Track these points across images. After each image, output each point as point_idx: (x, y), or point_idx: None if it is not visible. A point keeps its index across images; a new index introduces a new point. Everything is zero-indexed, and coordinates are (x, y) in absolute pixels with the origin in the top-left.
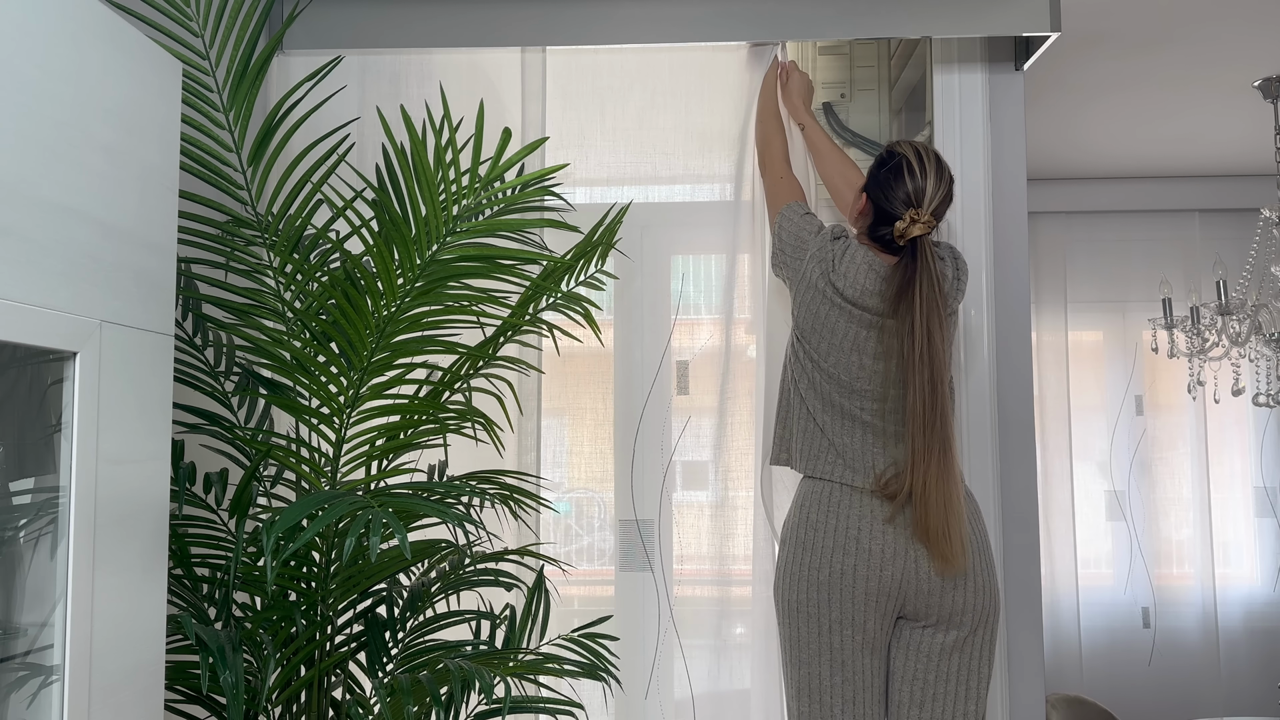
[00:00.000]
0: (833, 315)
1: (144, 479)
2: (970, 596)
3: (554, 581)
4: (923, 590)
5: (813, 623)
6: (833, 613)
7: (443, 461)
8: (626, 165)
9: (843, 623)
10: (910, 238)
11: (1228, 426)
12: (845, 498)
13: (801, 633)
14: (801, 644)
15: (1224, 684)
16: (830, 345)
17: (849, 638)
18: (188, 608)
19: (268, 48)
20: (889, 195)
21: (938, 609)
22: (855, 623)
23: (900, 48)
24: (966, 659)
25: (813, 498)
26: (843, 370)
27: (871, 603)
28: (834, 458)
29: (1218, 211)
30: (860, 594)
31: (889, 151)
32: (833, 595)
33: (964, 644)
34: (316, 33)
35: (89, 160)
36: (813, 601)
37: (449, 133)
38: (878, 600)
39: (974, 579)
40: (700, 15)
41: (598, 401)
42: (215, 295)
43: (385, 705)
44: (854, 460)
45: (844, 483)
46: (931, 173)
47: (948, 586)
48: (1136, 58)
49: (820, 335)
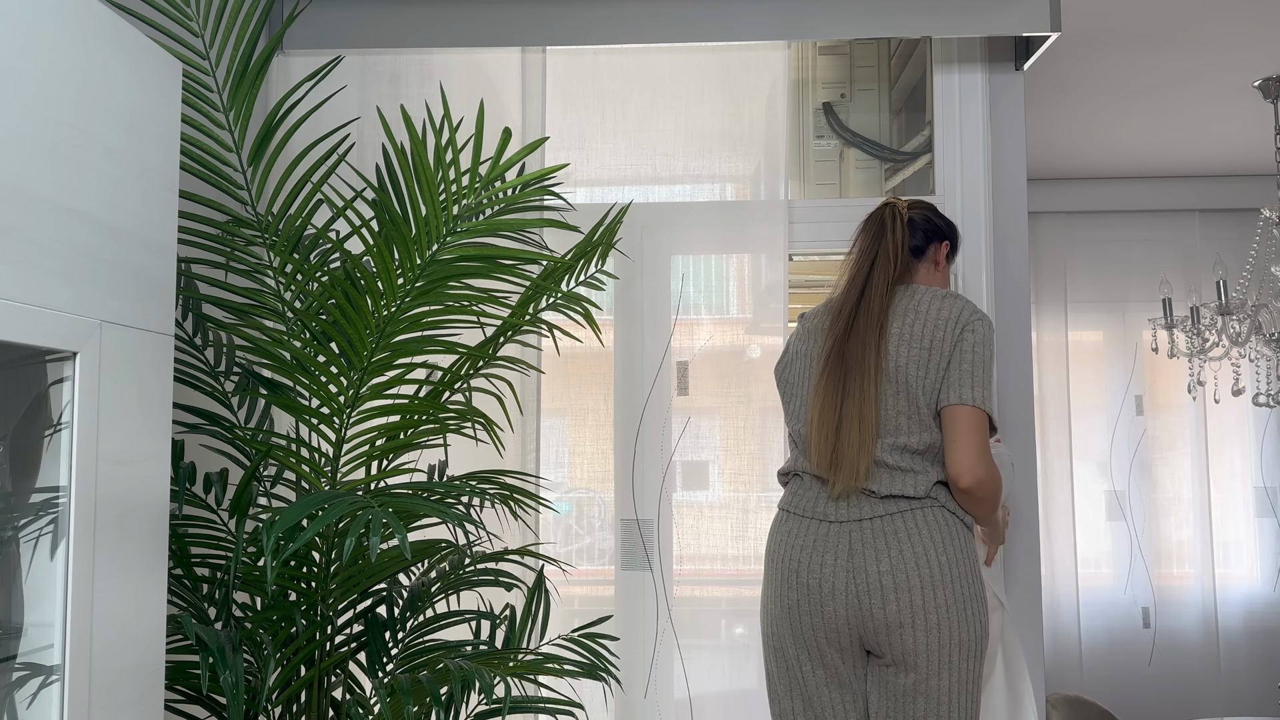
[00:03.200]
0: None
1: (144, 479)
2: (921, 637)
3: (554, 581)
4: (868, 628)
5: (780, 656)
6: (789, 648)
7: (443, 461)
8: (627, 166)
9: (800, 658)
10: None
11: (1228, 426)
12: (790, 525)
13: (771, 666)
14: (774, 678)
15: (1224, 684)
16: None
17: (809, 672)
18: (188, 608)
19: (268, 48)
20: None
21: (889, 648)
22: (813, 657)
23: (900, 48)
24: (933, 705)
25: (775, 524)
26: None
27: (827, 635)
28: (793, 484)
29: (1218, 211)
30: (808, 629)
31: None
32: (791, 629)
33: (926, 687)
34: (316, 33)
35: (89, 160)
36: (776, 635)
37: (449, 133)
38: (828, 634)
39: (924, 618)
40: (700, 15)
41: (598, 402)
42: (215, 295)
43: (385, 705)
44: (802, 487)
45: (789, 510)
46: None
47: (894, 626)
48: (1136, 58)
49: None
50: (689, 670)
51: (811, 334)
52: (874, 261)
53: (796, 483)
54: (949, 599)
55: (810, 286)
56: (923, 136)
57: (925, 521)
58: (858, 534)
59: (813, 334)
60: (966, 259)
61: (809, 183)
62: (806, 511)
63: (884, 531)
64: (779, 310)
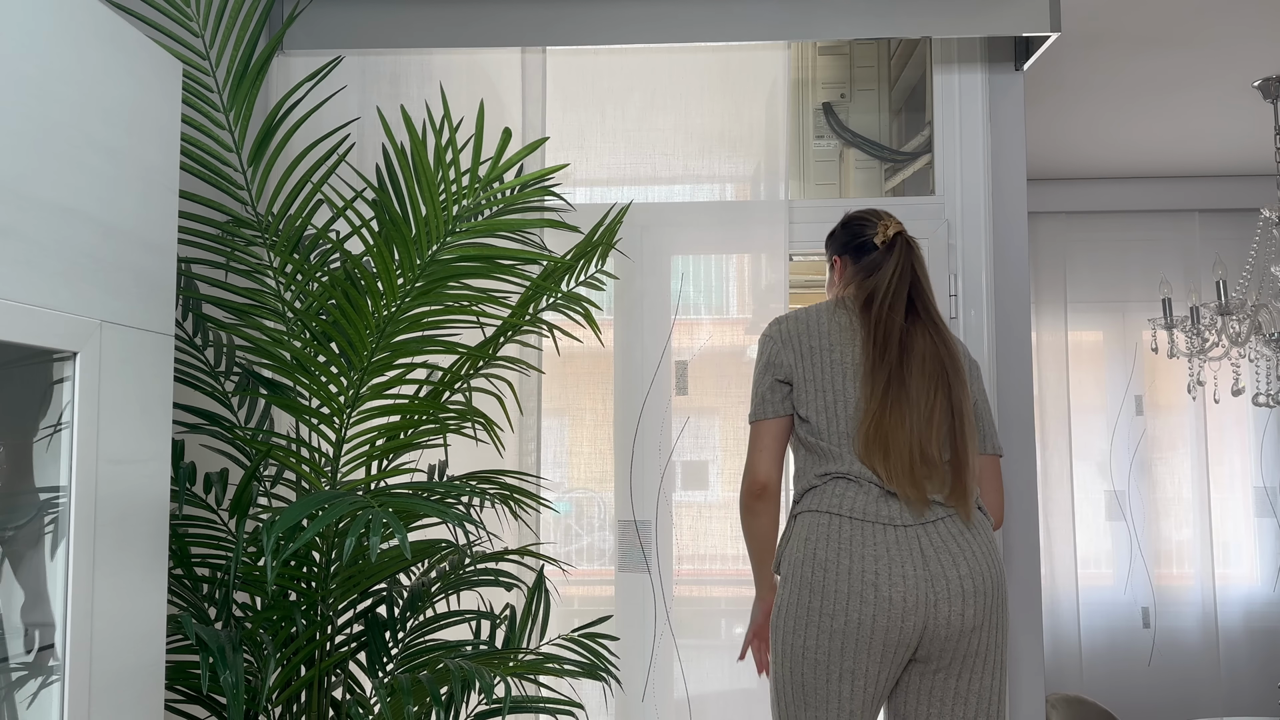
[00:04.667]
0: (827, 369)
1: (144, 479)
2: (986, 636)
3: (554, 581)
4: (939, 636)
5: (820, 670)
6: (844, 663)
7: (443, 461)
8: (626, 166)
9: (854, 674)
10: (894, 233)
11: (1228, 426)
12: (856, 532)
13: (808, 679)
14: (807, 690)
15: (1224, 684)
16: (821, 402)
17: (860, 689)
18: (188, 608)
19: (268, 48)
20: (856, 231)
21: (952, 652)
22: (868, 674)
23: (900, 48)
24: (984, 704)
25: (819, 531)
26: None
27: (890, 654)
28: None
29: (1218, 211)
30: (879, 646)
31: (845, 219)
32: (846, 645)
33: (980, 687)
34: (316, 33)
35: (89, 160)
36: (823, 649)
37: (449, 133)
38: (895, 650)
39: (992, 617)
40: (700, 15)
41: (597, 402)
42: (215, 295)
43: (385, 705)
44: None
45: (841, 513)
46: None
47: (967, 631)
48: (1136, 58)
49: (810, 399)
50: (688, 671)
51: (842, 336)
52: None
53: (843, 485)
54: (1006, 598)
55: (810, 286)
56: (922, 137)
57: (977, 521)
58: (925, 538)
59: (843, 336)
60: (967, 259)
61: (809, 183)
62: (868, 515)
63: (950, 534)
64: (779, 310)
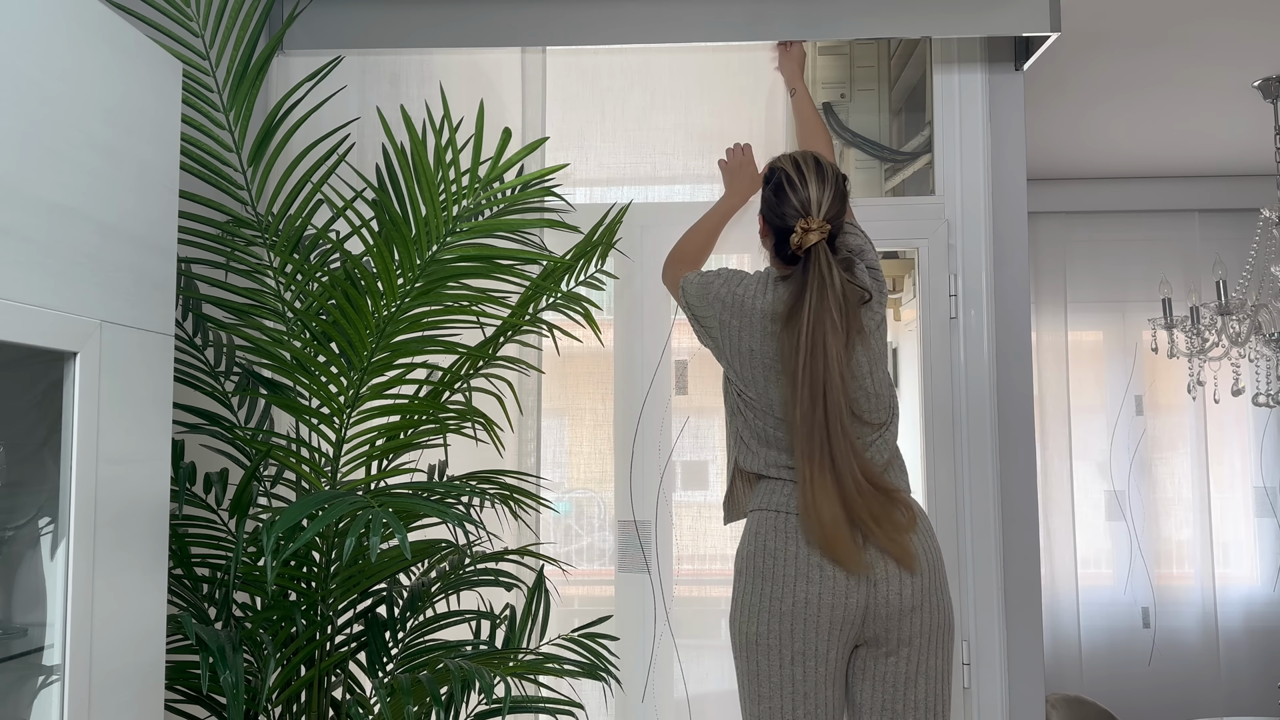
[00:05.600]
0: (763, 344)
1: (144, 479)
2: (928, 617)
3: (554, 581)
4: (880, 615)
5: (774, 655)
6: (795, 644)
7: (443, 461)
8: (626, 166)
9: (805, 655)
10: (808, 246)
11: (1228, 426)
12: (800, 524)
13: (762, 666)
14: (762, 678)
15: (1224, 684)
16: (750, 376)
17: (811, 669)
18: (188, 608)
19: (268, 48)
20: (780, 212)
21: (896, 633)
22: (818, 654)
23: (900, 48)
24: (933, 685)
25: (768, 524)
26: (766, 399)
27: (836, 632)
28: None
29: (1218, 211)
30: (825, 623)
31: (769, 169)
32: (795, 626)
33: (923, 668)
34: (316, 33)
35: (89, 160)
36: (774, 634)
37: (449, 133)
38: (841, 629)
39: (930, 599)
40: (700, 15)
41: (597, 402)
42: (215, 295)
43: (385, 705)
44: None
45: (792, 511)
46: (813, 179)
47: (906, 610)
48: (1136, 58)
49: (753, 376)
50: (688, 671)
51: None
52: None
53: (791, 487)
54: (942, 581)
55: None
56: (922, 137)
57: (912, 506)
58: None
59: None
60: (966, 259)
61: None
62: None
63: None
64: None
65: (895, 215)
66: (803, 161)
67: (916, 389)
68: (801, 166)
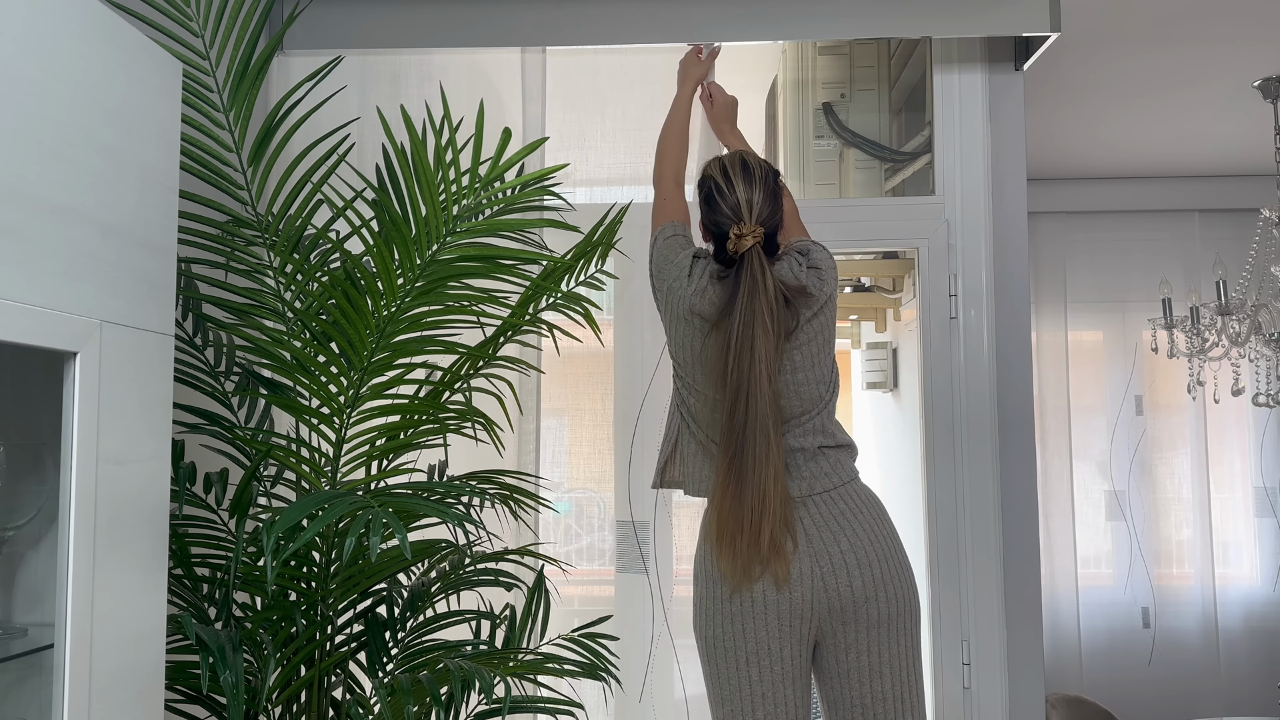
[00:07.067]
0: (690, 336)
1: (144, 479)
2: (883, 607)
3: (554, 581)
4: (834, 608)
5: (730, 657)
6: (748, 644)
7: (443, 461)
8: (627, 165)
9: (759, 654)
10: (743, 251)
11: (1228, 426)
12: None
13: (720, 668)
14: (722, 680)
15: (1224, 684)
16: (692, 369)
17: (767, 669)
18: (188, 608)
19: (268, 48)
20: (713, 220)
21: (852, 625)
22: (772, 653)
23: (900, 48)
24: (898, 673)
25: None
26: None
27: (787, 629)
28: None
29: (1218, 211)
30: (774, 621)
31: (701, 177)
32: (745, 626)
33: (887, 658)
34: (316, 33)
35: (89, 160)
36: (727, 634)
37: (449, 133)
38: (792, 625)
39: (885, 588)
40: (700, 15)
41: (597, 402)
42: (215, 295)
43: (385, 705)
44: None
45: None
46: (740, 182)
47: (860, 601)
48: (1136, 58)
49: (684, 358)
50: (686, 671)
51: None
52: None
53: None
54: (900, 569)
55: None
56: (922, 137)
57: (862, 498)
58: (808, 518)
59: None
60: (966, 259)
61: (809, 183)
62: None
63: (831, 515)
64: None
65: (895, 215)
66: (730, 165)
67: (916, 389)
68: (729, 171)
